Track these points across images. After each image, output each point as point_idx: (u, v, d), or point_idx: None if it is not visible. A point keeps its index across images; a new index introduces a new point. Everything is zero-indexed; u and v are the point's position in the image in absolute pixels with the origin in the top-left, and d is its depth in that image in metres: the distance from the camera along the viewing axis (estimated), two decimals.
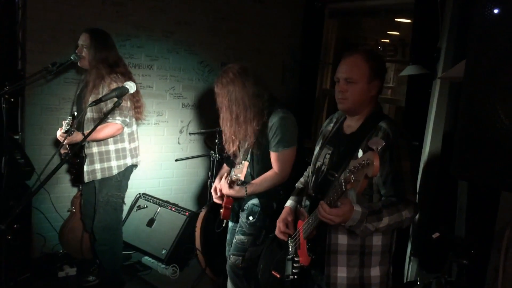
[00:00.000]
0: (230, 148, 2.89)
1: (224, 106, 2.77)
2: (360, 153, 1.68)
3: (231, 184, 2.84)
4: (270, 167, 2.80)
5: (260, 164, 2.84)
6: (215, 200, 3.00)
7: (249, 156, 2.87)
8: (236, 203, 2.93)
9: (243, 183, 2.84)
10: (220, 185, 2.90)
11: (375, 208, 1.87)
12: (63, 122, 3.11)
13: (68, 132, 2.98)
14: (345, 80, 2.03)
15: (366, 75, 2.00)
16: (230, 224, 3.06)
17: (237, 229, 2.92)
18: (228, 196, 2.87)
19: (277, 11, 4.79)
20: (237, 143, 2.87)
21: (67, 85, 3.87)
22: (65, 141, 3.08)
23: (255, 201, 2.85)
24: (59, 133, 3.15)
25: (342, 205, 1.78)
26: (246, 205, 2.88)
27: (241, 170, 2.87)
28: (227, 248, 3.09)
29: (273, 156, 2.77)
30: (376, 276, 2.03)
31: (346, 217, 1.79)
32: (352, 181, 1.66)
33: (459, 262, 2.34)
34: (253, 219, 2.84)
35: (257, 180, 2.82)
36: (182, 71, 4.43)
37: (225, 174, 2.95)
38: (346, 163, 1.97)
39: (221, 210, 2.94)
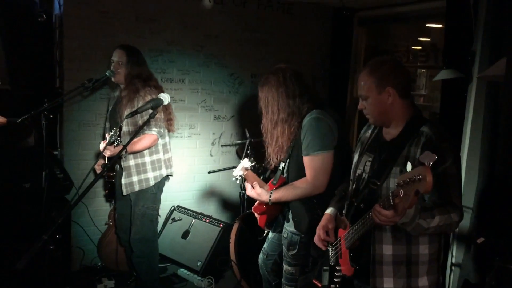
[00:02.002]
0: (271, 154, 2.72)
1: (263, 109, 2.69)
2: (409, 166, 1.61)
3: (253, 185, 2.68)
4: (305, 175, 2.58)
5: (294, 171, 2.65)
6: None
7: (281, 166, 2.75)
8: (281, 215, 2.81)
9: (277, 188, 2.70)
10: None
11: (426, 205, 1.83)
12: (106, 135, 3.17)
13: (114, 143, 3.01)
14: (361, 97, 2.07)
15: (373, 88, 2.00)
16: (271, 234, 2.97)
17: (283, 257, 2.79)
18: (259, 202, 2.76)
19: (306, 21, 4.81)
20: (274, 148, 2.69)
21: (103, 101, 3.99)
22: (108, 153, 3.16)
23: (291, 227, 2.68)
24: (102, 146, 3.22)
25: (398, 203, 1.68)
26: (286, 233, 2.73)
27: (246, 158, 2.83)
28: (260, 255, 3.04)
29: (304, 161, 2.55)
30: (425, 286, 1.97)
31: (403, 214, 1.71)
32: (401, 195, 1.60)
33: (506, 268, 2.25)
34: (294, 250, 2.67)
35: (285, 186, 2.64)
36: (213, 84, 4.49)
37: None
38: (388, 171, 1.94)
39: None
